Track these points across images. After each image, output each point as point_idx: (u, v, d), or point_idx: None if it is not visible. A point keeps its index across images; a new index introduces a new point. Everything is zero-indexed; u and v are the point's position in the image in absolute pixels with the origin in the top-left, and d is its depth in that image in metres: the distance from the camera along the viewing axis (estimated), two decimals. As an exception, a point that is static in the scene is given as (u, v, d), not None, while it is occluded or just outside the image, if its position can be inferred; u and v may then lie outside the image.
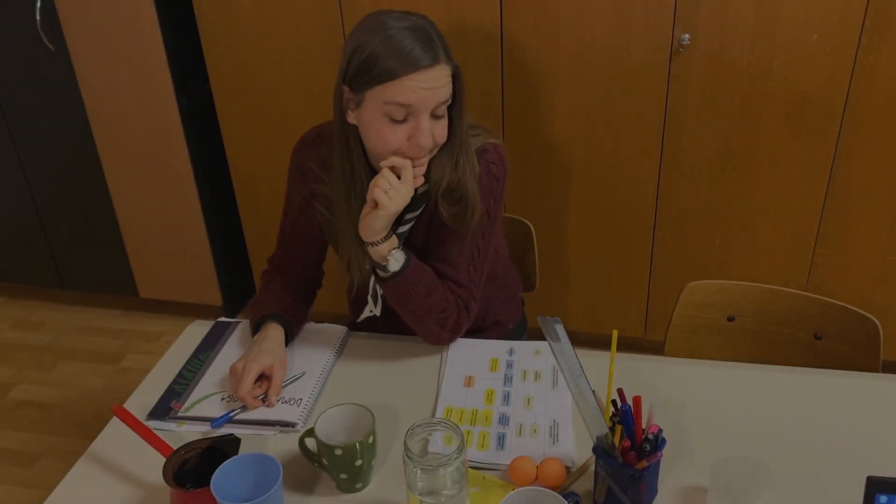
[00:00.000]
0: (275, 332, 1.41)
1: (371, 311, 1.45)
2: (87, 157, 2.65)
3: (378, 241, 1.32)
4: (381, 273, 1.35)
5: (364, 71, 1.24)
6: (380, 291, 1.41)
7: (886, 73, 1.99)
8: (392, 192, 1.27)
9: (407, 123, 1.26)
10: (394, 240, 1.34)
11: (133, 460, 1.21)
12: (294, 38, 2.29)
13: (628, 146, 2.24)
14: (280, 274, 1.55)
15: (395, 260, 1.33)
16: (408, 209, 1.36)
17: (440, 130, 1.29)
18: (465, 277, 1.40)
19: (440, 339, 1.42)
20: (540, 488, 1.00)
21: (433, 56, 1.23)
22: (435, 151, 1.33)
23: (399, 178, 1.29)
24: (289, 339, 1.44)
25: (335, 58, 2.28)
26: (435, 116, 1.28)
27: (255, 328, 1.45)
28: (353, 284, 1.47)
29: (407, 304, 1.36)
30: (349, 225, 1.36)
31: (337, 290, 1.65)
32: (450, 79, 1.27)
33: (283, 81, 2.36)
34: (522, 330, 1.73)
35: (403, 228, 1.39)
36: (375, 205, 1.28)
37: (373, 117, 1.27)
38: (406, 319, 1.40)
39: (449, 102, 1.28)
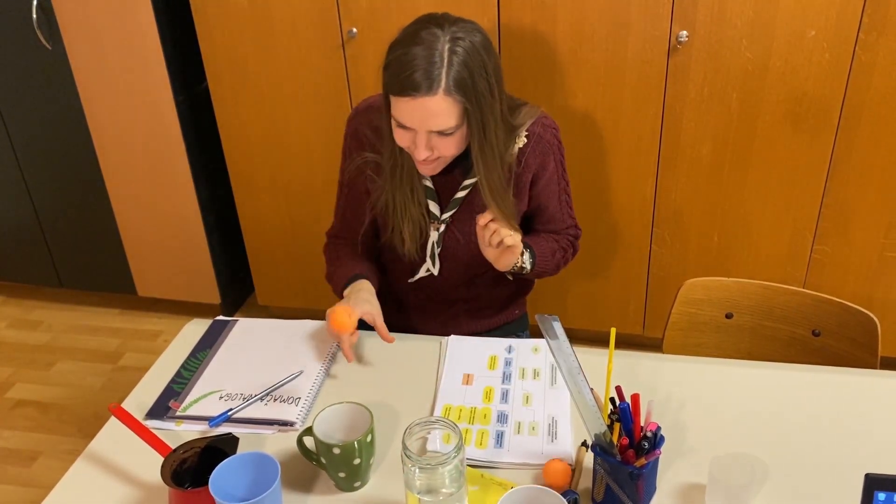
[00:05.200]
0: (365, 284, 1.49)
1: (428, 271, 1.55)
2: (84, 156, 2.64)
3: (516, 264, 1.47)
4: (519, 271, 1.49)
5: (383, 73, 1.32)
6: (437, 251, 1.52)
7: (884, 70, 1.99)
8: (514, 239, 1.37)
9: (410, 132, 1.32)
10: (524, 255, 1.48)
11: (132, 460, 1.21)
12: (291, 36, 2.28)
13: (626, 143, 2.24)
14: (342, 243, 1.62)
15: (527, 261, 1.48)
16: (465, 177, 1.46)
17: (445, 146, 1.33)
18: (569, 219, 1.61)
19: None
20: (539, 487, 1.00)
21: (428, 86, 1.25)
22: (450, 158, 1.39)
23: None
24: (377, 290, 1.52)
25: (333, 56, 2.29)
26: (441, 134, 1.31)
27: (342, 290, 1.52)
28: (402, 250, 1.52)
29: (543, 275, 1.57)
30: (398, 191, 1.45)
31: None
32: (453, 110, 1.28)
33: (280, 79, 2.36)
34: (524, 325, 1.74)
35: (461, 194, 1.48)
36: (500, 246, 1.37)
37: (390, 115, 1.34)
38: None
39: (452, 130, 1.30)
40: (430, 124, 1.29)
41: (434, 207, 1.49)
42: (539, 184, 1.51)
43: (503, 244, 1.35)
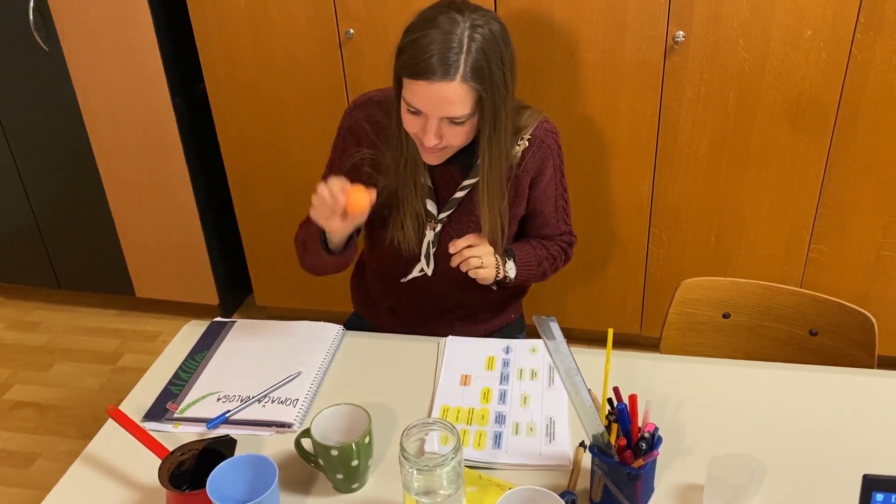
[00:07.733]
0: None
1: (422, 271, 1.55)
2: (82, 157, 2.64)
3: (497, 277, 1.48)
4: (502, 281, 1.51)
5: (397, 57, 1.31)
6: (433, 250, 1.52)
7: (880, 69, 2.00)
8: (485, 264, 1.43)
9: (421, 117, 1.31)
10: (507, 264, 1.50)
11: (130, 462, 1.22)
12: (289, 37, 2.28)
13: (623, 143, 2.24)
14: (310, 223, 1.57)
15: (510, 270, 1.51)
16: (464, 178, 1.46)
17: (454, 135, 1.32)
18: (564, 227, 1.60)
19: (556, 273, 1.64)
20: (537, 488, 1.00)
21: (445, 71, 1.24)
22: (458, 148, 1.38)
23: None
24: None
25: (330, 56, 2.29)
26: (452, 122, 1.30)
27: (323, 243, 1.45)
28: (401, 247, 1.51)
29: (528, 282, 1.61)
30: (401, 187, 1.44)
31: (333, 289, 1.65)
32: (468, 98, 1.27)
33: (277, 80, 2.36)
34: (520, 327, 1.74)
35: (459, 195, 1.47)
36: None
37: (402, 99, 1.33)
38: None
39: (464, 119, 1.29)
40: (443, 111, 1.27)
41: (431, 206, 1.48)
42: (536, 188, 1.51)
43: (472, 271, 1.42)
